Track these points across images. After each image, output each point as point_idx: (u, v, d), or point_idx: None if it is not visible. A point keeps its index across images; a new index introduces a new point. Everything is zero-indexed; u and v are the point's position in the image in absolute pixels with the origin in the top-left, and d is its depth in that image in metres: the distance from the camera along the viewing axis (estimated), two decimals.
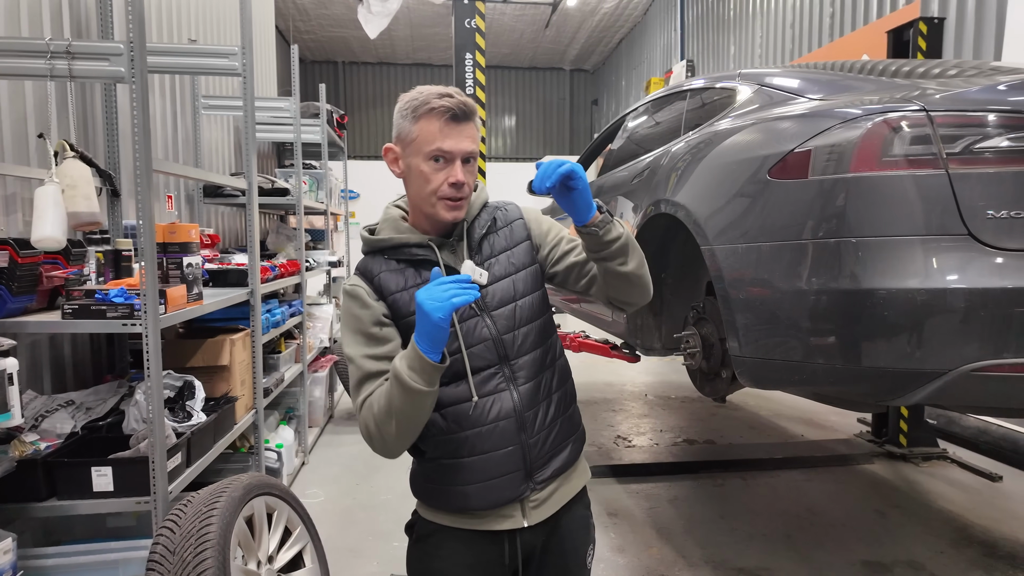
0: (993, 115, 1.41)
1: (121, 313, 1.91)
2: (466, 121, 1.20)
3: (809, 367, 1.58)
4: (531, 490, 1.27)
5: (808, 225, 1.56)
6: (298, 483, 3.66)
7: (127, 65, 1.83)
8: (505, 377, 1.25)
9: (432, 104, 1.18)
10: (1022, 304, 1.32)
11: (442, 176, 1.19)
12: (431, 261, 1.25)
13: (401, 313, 1.24)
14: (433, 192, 1.20)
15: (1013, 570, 2.63)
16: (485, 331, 1.25)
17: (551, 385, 1.31)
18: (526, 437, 1.26)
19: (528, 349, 1.28)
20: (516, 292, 1.29)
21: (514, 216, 1.35)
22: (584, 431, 1.41)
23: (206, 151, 4.16)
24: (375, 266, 1.27)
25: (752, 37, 8.16)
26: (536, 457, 1.27)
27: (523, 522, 1.27)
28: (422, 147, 1.19)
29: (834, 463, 3.88)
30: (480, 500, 1.25)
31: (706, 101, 2.56)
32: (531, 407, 1.26)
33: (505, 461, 1.25)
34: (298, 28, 12.98)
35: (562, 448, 1.32)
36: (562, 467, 1.31)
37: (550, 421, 1.29)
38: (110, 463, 1.96)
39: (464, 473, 1.25)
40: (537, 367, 1.29)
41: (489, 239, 1.31)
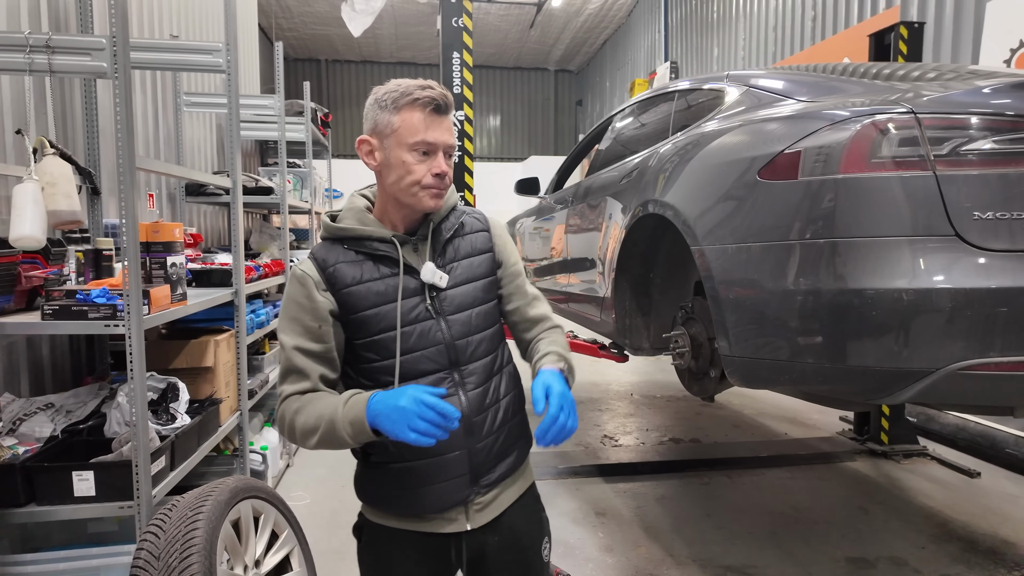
0: (979, 117, 1.43)
1: (103, 314, 1.87)
2: (447, 113, 1.21)
3: (799, 366, 1.59)
4: (475, 494, 1.28)
5: (797, 225, 1.57)
6: (283, 485, 3.62)
7: (109, 60, 1.79)
8: (454, 382, 1.26)
9: (415, 95, 1.17)
10: (1007, 304, 1.35)
11: (425, 167, 1.19)
12: (392, 258, 1.24)
13: (353, 307, 1.22)
14: (416, 182, 1.20)
15: (994, 565, 2.68)
16: (439, 335, 1.25)
17: (499, 391, 1.32)
18: (473, 442, 1.26)
19: (479, 356, 1.29)
20: (474, 300, 1.29)
21: (481, 226, 1.36)
22: (531, 436, 1.41)
23: (188, 149, 4.09)
24: (332, 255, 1.24)
25: (735, 39, 8.25)
26: (483, 462, 1.28)
27: (466, 525, 1.28)
28: (405, 138, 1.18)
29: (817, 461, 3.92)
30: (427, 504, 1.26)
31: (694, 102, 2.57)
32: (479, 412, 1.27)
33: (452, 465, 1.25)
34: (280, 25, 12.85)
35: (509, 453, 1.33)
36: (507, 472, 1.32)
37: (498, 427, 1.30)
38: (92, 467, 1.92)
39: (411, 477, 1.25)
40: (486, 373, 1.29)
41: (454, 243, 1.30)
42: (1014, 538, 2.91)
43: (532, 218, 4.45)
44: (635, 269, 2.63)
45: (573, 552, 2.83)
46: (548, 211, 4.02)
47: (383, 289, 1.23)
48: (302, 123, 4.95)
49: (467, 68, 3.41)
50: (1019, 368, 1.35)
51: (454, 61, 3.41)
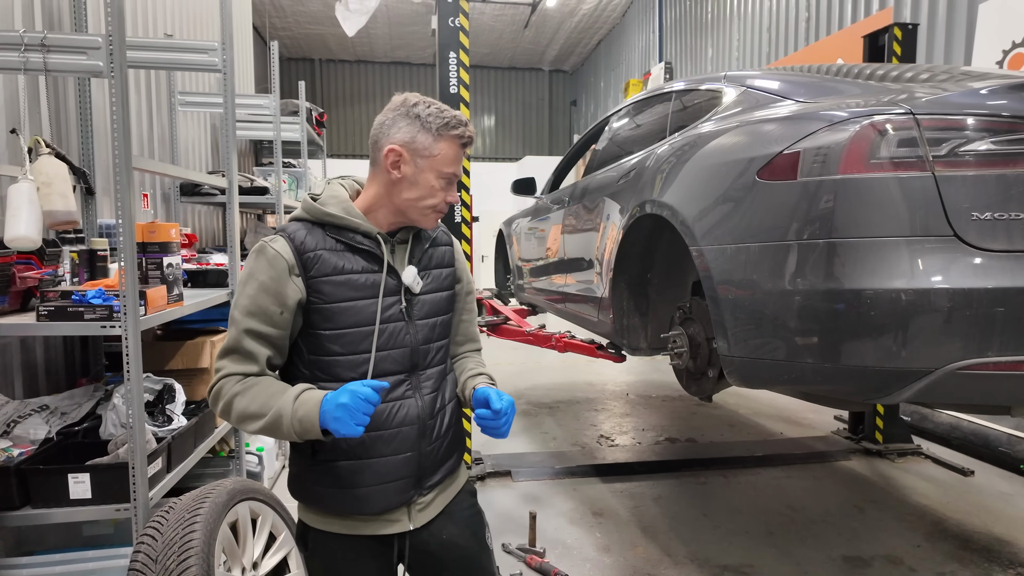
0: (977, 118, 1.44)
1: (99, 315, 1.86)
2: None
3: (798, 366, 1.60)
4: (418, 495, 1.32)
5: (796, 226, 1.58)
6: (279, 487, 3.60)
7: (105, 59, 1.77)
8: (412, 385, 1.29)
9: (459, 132, 1.24)
10: (1005, 304, 1.36)
11: (443, 195, 1.26)
12: (372, 254, 1.25)
13: (328, 297, 1.20)
14: (431, 206, 1.26)
15: (988, 563, 2.70)
16: (407, 338, 1.28)
17: (445, 397, 1.36)
18: (424, 444, 1.30)
19: (435, 363, 1.34)
20: (440, 308, 1.36)
21: (446, 241, 1.42)
22: (466, 442, 1.50)
23: (183, 149, 4.07)
24: (311, 240, 1.22)
25: (730, 40, 8.27)
26: (429, 464, 1.32)
27: (409, 525, 1.32)
28: (440, 166, 1.23)
29: (813, 460, 3.94)
30: (372, 504, 1.27)
31: (691, 103, 2.58)
32: (431, 417, 1.31)
33: (401, 466, 1.28)
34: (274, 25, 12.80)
35: (450, 457, 1.38)
36: (447, 473, 1.38)
37: (445, 430, 1.35)
38: (88, 469, 1.90)
39: (360, 476, 1.25)
40: (438, 379, 1.35)
41: (429, 252, 1.36)
42: (1008, 536, 2.94)
43: (528, 218, 4.45)
44: (633, 269, 2.63)
45: (571, 552, 2.83)
46: (544, 211, 4.02)
47: (362, 283, 1.23)
48: (297, 123, 4.93)
49: (464, 68, 3.41)
50: (1017, 368, 1.36)
51: (451, 61, 3.40)
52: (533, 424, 4.74)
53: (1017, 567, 2.66)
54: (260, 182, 4.06)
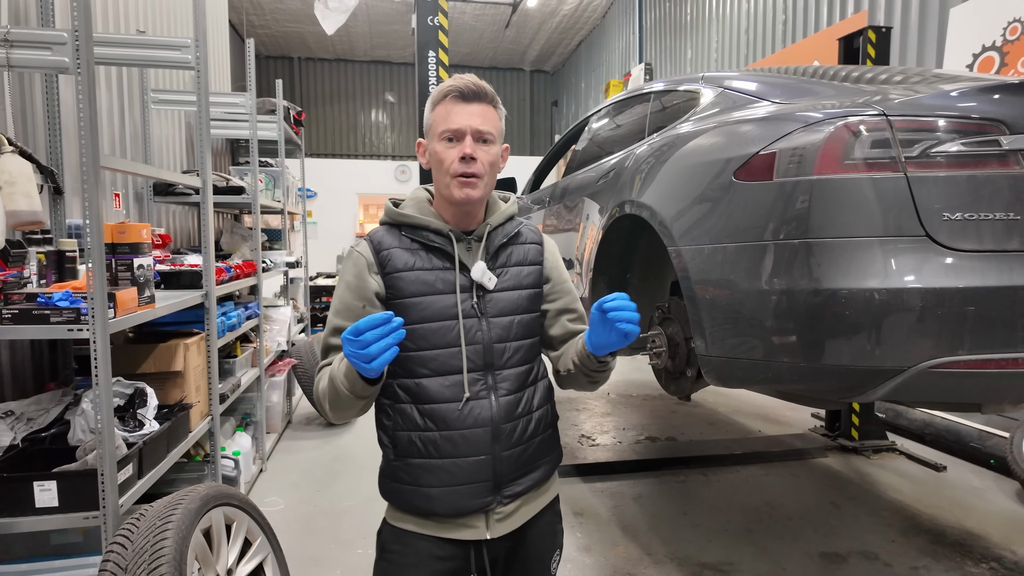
0: (948, 120, 1.46)
1: (66, 318, 1.80)
2: (476, 101, 1.22)
3: (774, 366, 1.61)
4: (497, 503, 1.27)
5: (772, 226, 1.59)
6: (256, 491, 3.55)
7: (71, 55, 1.72)
8: (487, 385, 1.26)
9: (443, 90, 1.23)
10: (975, 303, 1.38)
11: (453, 153, 1.21)
12: (446, 251, 1.26)
13: (401, 292, 1.24)
14: (447, 171, 1.22)
15: (960, 557, 2.75)
16: (479, 335, 1.25)
17: (532, 403, 1.31)
18: (499, 449, 1.25)
19: (514, 364, 1.29)
20: (518, 307, 1.30)
21: (536, 239, 1.38)
22: (561, 455, 1.41)
23: (156, 148, 3.99)
24: (389, 239, 1.27)
25: (708, 42, 8.34)
26: (507, 471, 1.27)
27: (486, 534, 1.27)
28: (436, 130, 1.23)
29: (790, 457, 3.99)
30: (445, 505, 1.24)
31: (670, 103, 2.59)
32: (508, 420, 1.26)
33: (475, 469, 1.24)
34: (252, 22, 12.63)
35: (535, 467, 1.32)
36: (532, 485, 1.31)
37: (527, 438, 1.29)
38: (54, 477, 1.85)
39: (432, 475, 1.24)
40: (520, 383, 1.29)
41: (507, 250, 1.32)
42: (980, 530, 2.99)
43: None
44: (612, 269, 2.64)
45: None
46: (526, 211, 4.01)
47: (431, 279, 1.24)
48: (274, 121, 4.86)
49: (443, 67, 3.39)
50: (987, 366, 1.38)
51: (430, 60, 3.38)
52: None
53: (990, 561, 2.72)
54: (236, 181, 3.99)
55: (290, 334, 4.81)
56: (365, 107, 15.72)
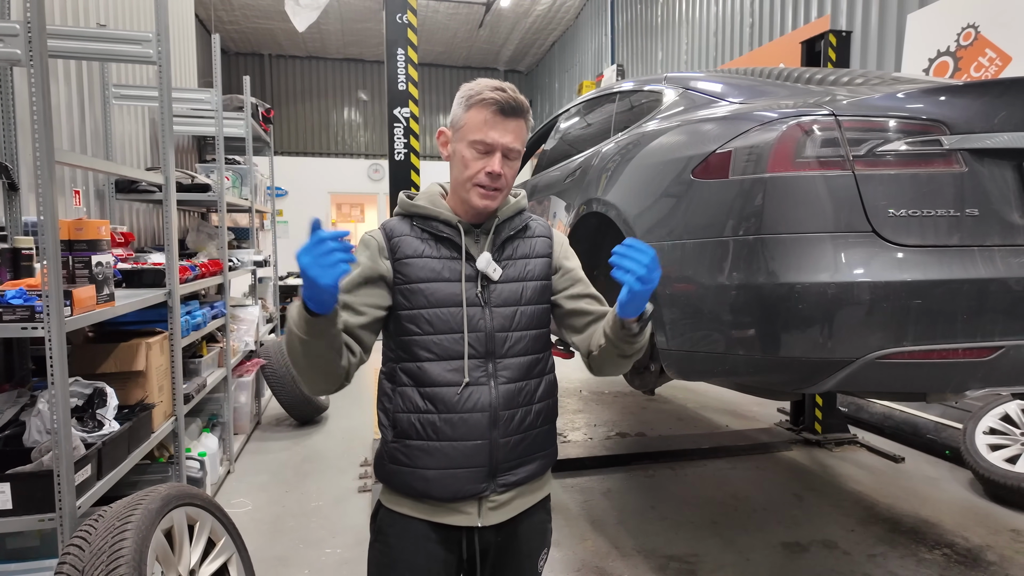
0: (894, 120, 1.52)
1: (20, 316, 1.76)
2: (513, 117, 1.25)
3: (731, 358, 1.65)
4: (492, 491, 1.29)
5: (729, 223, 1.63)
6: (223, 492, 3.50)
7: (24, 47, 1.68)
8: (487, 372, 1.28)
9: (484, 96, 1.23)
10: (919, 296, 1.43)
11: (480, 164, 1.24)
12: (454, 242, 1.30)
13: (409, 277, 1.28)
14: (469, 179, 1.26)
15: (915, 544, 2.85)
16: (482, 323, 1.28)
17: (533, 395, 1.33)
18: (497, 435, 1.28)
19: (517, 353, 1.31)
20: (522, 298, 1.33)
21: (544, 232, 1.41)
22: (556, 451, 1.44)
23: (118, 144, 3.90)
24: (401, 227, 1.32)
25: (678, 43, 8.46)
26: (503, 458, 1.29)
27: (478, 521, 1.29)
28: (467, 135, 1.25)
29: (756, 451, 4.07)
30: (440, 488, 1.27)
31: (635, 103, 2.63)
32: (507, 407, 1.29)
33: (472, 453, 1.27)
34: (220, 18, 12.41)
35: (532, 459, 1.34)
36: (527, 477, 1.33)
37: (525, 428, 1.31)
38: (8, 479, 1.80)
39: (429, 457, 1.27)
40: (522, 372, 1.31)
41: (514, 242, 1.35)
42: (934, 518, 3.10)
43: None
44: None
45: None
46: None
47: (439, 267, 1.28)
48: (241, 118, 4.79)
49: (412, 65, 3.38)
50: (929, 356, 1.44)
51: (399, 57, 3.37)
52: None
53: (943, 548, 2.82)
54: (201, 179, 3.93)
55: (258, 334, 4.75)
56: (337, 105, 15.56)
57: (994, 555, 2.76)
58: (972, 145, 1.49)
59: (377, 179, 11.69)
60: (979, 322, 1.43)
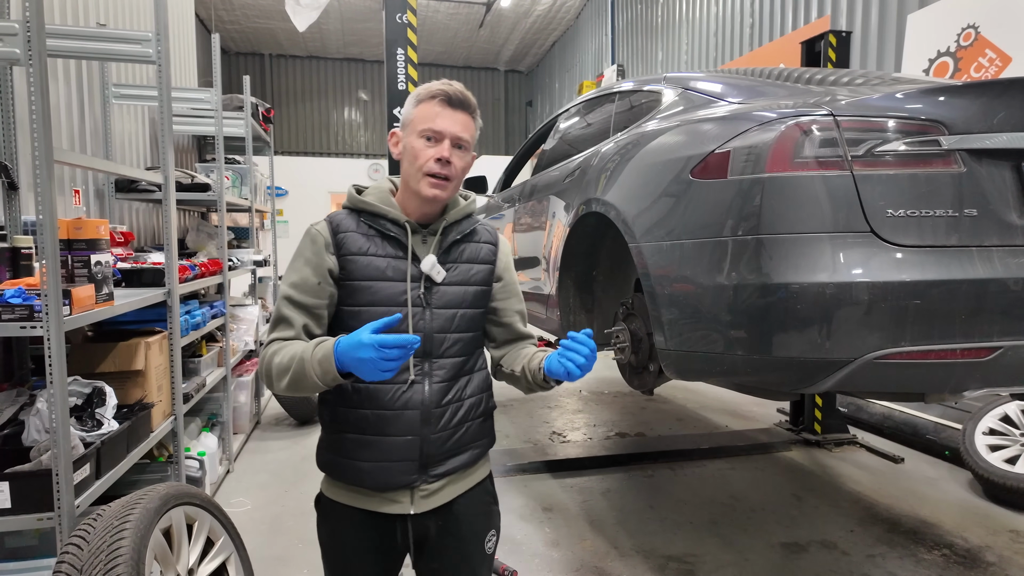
0: (892, 120, 1.52)
1: (19, 315, 1.76)
2: (460, 109, 1.29)
3: (729, 358, 1.65)
4: (423, 481, 1.34)
5: (727, 223, 1.63)
6: (223, 492, 3.50)
7: (23, 46, 1.69)
8: (423, 371, 1.32)
9: (432, 90, 1.28)
10: (917, 296, 1.43)
11: (431, 152, 1.27)
12: (400, 241, 1.32)
13: (353, 274, 1.29)
14: (420, 168, 1.27)
15: (914, 545, 2.85)
16: (422, 324, 1.32)
17: (464, 391, 1.38)
18: (428, 432, 1.32)
19: (452, 354, 1.35)
20: (463, 302, 1.36)
21: (490, 239, 1.44)
22: (493, 441, 1.49)
23: (118, 143, 3.91)
24: (348, 222, 1.32)
25: (679, 44, 8.46)
26: (434, 453, 1.34)
27: (410, 509, 1.34)
28: (417, 126, 1.28)
29: (756, 451, 4.07)
30: (373, 480, 1.32)
31: (634, 103, 2.63)
32: (438, 406, 1.33)
33: (403, 448, 1.31)
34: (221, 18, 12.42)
35: (463, 450, 1.39)
36: (459, 467, 1.38)
37: (456, 423, 1.36)
38: (7, 478, 1.80)
39: (363, 450, 1.32)
40: (454, 371, 1.36)
41: (461, 246, 1.38)
42: (933, 519, 3.10)
43: (482, 216, 4.45)
44: (578, 267, 2.67)
45: (519, 548, 2.85)
46: (496, 210, 4.03)
47: (383, 266, 1.30)
48: (241, 118, 4.79)
49: (412, 64, 3.38)
50: (928, 356, 1.43)
51: (398, 57, 3.37)
52: None
53: (942, 548, 2.82)
54: (201, 178, 3.93)
55: (258, 333, 4.75)
56: (338, 105, 15.57)
57: (993, 556, 2.75)
58: (971, 145, 1.49)
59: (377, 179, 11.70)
60: (977, 322, 1.43)
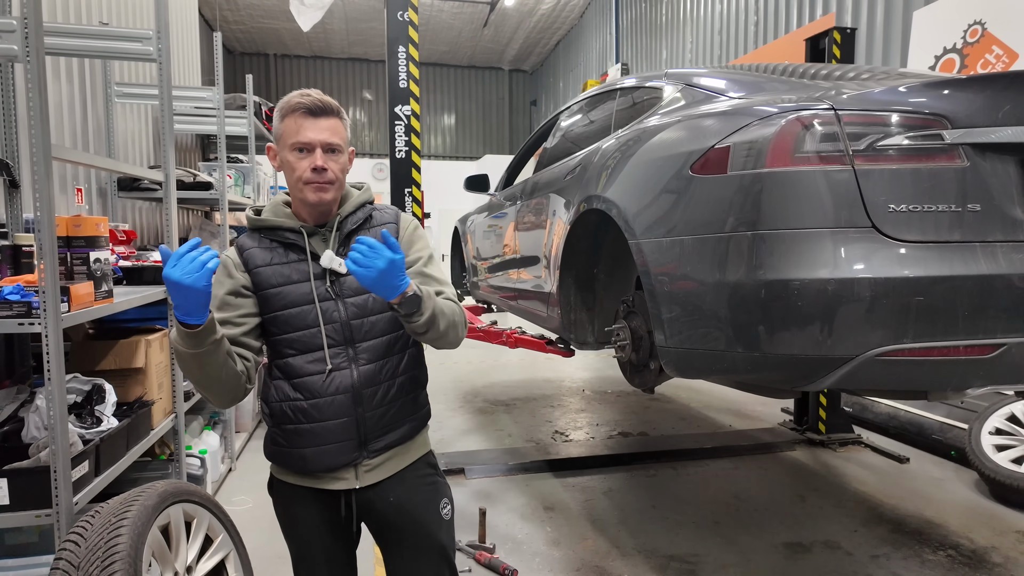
0: (894, 115, 1.49)
1: (17, 312, 1.77)
2: (323, 116, 1.36)
3: (729, 356, 1.63)
4: (364, 457, 1.44)
5: (727, 219, 1.61)
6: (224, 490, 3.50)
7: (20, 42, 1.69)
8: (348, 357, 1.41)
9: (292, 103, 1.36)
10: (919, 292, 1.41)
11: (305, 163, 1.35)
12: (300, 246, 1.41)
13: (261, 285, 1.40)
14: (299, 179, 1.36)
15: (919, 545, 2.82)
16: (336, 314, 1.40)
17: (395, 369, 1.46)
18: (362, 411, 1.41)
19: (374, 335, 1.43)
20: None
21: (390, 219, 1.52)
22: (428, 413, 1.58)
23: (121, 142, 3.92)
24: (249, 242, 1.44)
25: (683, 42, 8.43)
26: (371, 429, 1.43)
27: (355, 484, 1.44)
28: (287, 140, 1.36)
29: (759, 451, 4.05)
30: (316, 463, 1.42)
31: (635, 100, 2.61)
32: (369, 385, 1.42)
33: (339, 430, 1.40)
34: (225, 18, 12.46)
35: (399, 425, 1.48)
36: (397, 441, 1.48)
37: (389, 400, 1.45)
38: (6, 474, 1.81)
39: (303, 438, 1.41)
40: (381, 352, 1.43)
41: (359, 234, 1.44)
42: (938, 519, 3.07)
43: (482, 215, 4.44)
44: (579, 265, 2.65)
45: (520, 547, 2.84)
46: (498, 208, 4.02)
47: (287, 272, 1.40)
48: (244, 117, 4.80)
49: (413, 62, 3.37)
50: (930, 353, 1.41)
51: (400, 55, 3.36)
52: (489, 422, 4.73)
53: (948, 549, 2.79)
54: (203, 177, 3.93)
55: None
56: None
57: (999, 556, 2.72)
58: (974, 140, 1.47)
59: (382, 178, 11.72)
60: (981, 319, 1.41)
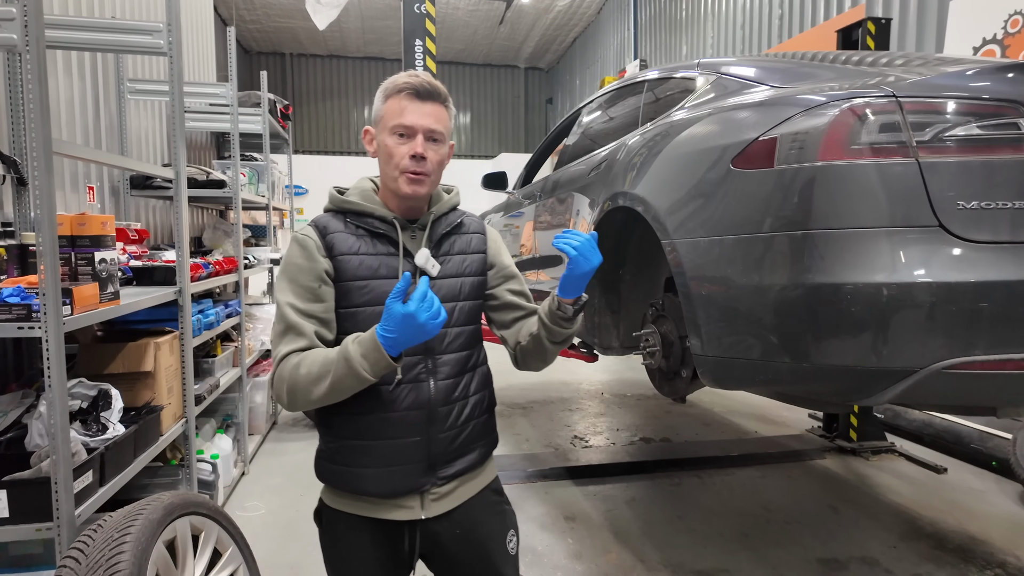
0: (962, 102, 1.36)
1: (16, 315, 1.68)
2: (429, 100, 1.24)
3: (773, 366, 1.50)
4: (432, 484, 1.29)
5: (773, 217, 1.48)
6: (237, 495, 3.43)
7: (20, 32, 1.60)
8: (427, 369, 1.27)
9: (398, 84, 1.24)
10: (991, 298, 1.27)
11: (404, 149, 1.23)
12: (390, 238, 1.28)
13: (345, 275, 1.25)
14: (396, 166, 1.24)
15: (964, 564, 2.66)
16: None
17: (469, 388, 1.34)
18: (435, 431, 1.28)
19: (455, 349, 1.31)
20: (460, 293, 1.33)
21: (479, 229, 1.41)
22: (496, 439, 1.45)
23: (134, 139, 3.86)
24: (333, 224, 1.29)
25: (704, 37, 8.25)
26: (442, 452, 1.29)
27: (421, 514, 1.29)
28: (388, 123, 1.24)
29: (787, 459, 3.89)
30: (378, 485, 1.27)
31: (664, 92, 2.48)
32: (445, 403, 1.29)
33: (409, 450, 1.27)
34: (242, 17, 12.48)
35: (471, 450, 1.35)
36: (468, 468, 1.34)
37: (463, 421, 1.32)
38: (5, 485, 1.73)
39: (366, 456, 1.27)
40: (459, 367, 1.32)
41: (450, 239, 1.35)
42: (982, 535, 2.90)
43: (500, 214, 4.33)
44: (604, 266, 2.50)
45: (541, 560, 2.72)
46: (516, 206, 3.91)
47: (375, 264, 1.26)
48: (259, 114, 4.73)
49: (430, 56, 3.27)
50: (1004, 367, 1.28)
51: (416, 49, 3.26)
52: (506, 425, 4.62)
53: (994, 567, 2.63)
54: (216, 175, 3.86)
55: None
56: (358, 104, 15.59)
57: None
58: None
59: None
60: None
